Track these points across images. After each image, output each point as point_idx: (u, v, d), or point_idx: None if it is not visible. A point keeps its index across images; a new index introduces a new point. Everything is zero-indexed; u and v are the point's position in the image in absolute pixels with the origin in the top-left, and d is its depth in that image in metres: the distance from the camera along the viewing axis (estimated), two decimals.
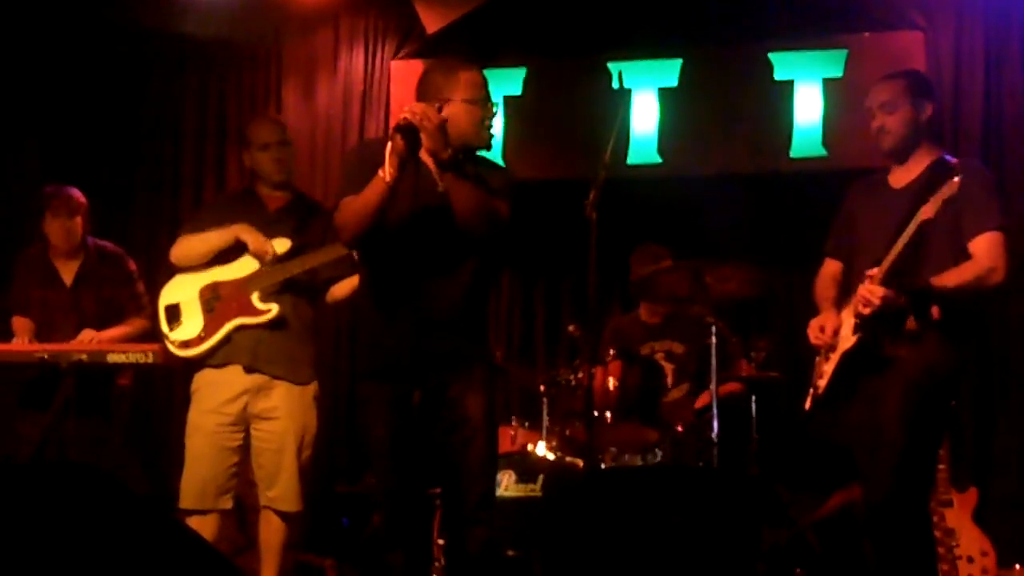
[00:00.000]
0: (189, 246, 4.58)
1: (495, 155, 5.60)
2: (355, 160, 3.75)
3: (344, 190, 3.61)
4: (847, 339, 3.84)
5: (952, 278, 3.69)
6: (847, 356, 3.84)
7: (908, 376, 3.73)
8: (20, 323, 4.94)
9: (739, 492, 4.51)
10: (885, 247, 3.72)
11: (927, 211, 3.60)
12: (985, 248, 3.70)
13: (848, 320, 3.85)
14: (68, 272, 5.01)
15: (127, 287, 5.05)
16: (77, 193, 5.03)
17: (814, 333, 3.97)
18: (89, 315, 4.94)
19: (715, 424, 4.83)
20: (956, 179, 3.56)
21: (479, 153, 3.71)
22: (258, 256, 4.48)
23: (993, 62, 5.91)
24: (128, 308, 4.99)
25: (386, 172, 3.42)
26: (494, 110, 3.68)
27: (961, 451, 5.41)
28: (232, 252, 4.53)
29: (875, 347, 3.78)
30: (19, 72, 6.31)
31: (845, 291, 3.99)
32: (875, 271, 3.71)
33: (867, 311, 3.71)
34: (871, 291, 3.69)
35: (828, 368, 3.92)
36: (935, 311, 3.70)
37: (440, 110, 3.49)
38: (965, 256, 3.73)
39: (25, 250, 5.11)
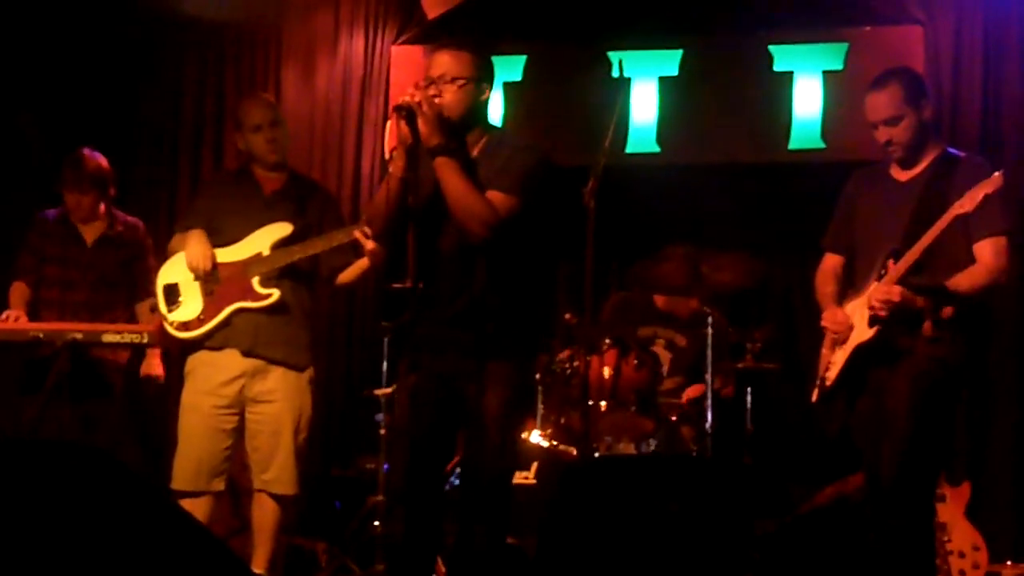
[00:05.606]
0: (177, 245, 4.60)
1: None
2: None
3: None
4: (862, 331, 3.81)
5: (965, 281, 3.70)
6: (860, 348, 3.82)
7: (918, 367, 3.74)
8: (17, 291, 4.88)
9: (732, 481, 4.51)
10: (896, 239, 3.72)
11: (964, 204, 3.57)
12: (992, 252, 3.73)
13: (863, 312, 3.81)
14: (90, 233, 4.97)
15: (143, 260, 5.02)
16: (95, 167, 4.93)
17: (830, 323, 3.95)
18: (108, 274, 4.93)
19: (709, 415, 4.84)
20: (998, 174, 3.57)
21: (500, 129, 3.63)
22: (192, 270, 4.46)
23: (992, 57, 5.90)
24: (140, 284, 4.95)
25: (395, 166, 3.35)
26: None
27: (955, 446, 5.41)
28: (232, 234, 4.52)
29: (889, 340, 3.77)
30: (18, 50, 6.28)
31: (846, 285, 3.98)
32: (891, 271, 3.70)
33: (884, 313, 3.68)
34: (889, 291, 3.67)
35: (838, 359, 3.90)
36: (947, 311, 3.71)
37: (436, 95, 3.40)
38: (972, 256, 3.74)
39: (43, 212, 5.03)
